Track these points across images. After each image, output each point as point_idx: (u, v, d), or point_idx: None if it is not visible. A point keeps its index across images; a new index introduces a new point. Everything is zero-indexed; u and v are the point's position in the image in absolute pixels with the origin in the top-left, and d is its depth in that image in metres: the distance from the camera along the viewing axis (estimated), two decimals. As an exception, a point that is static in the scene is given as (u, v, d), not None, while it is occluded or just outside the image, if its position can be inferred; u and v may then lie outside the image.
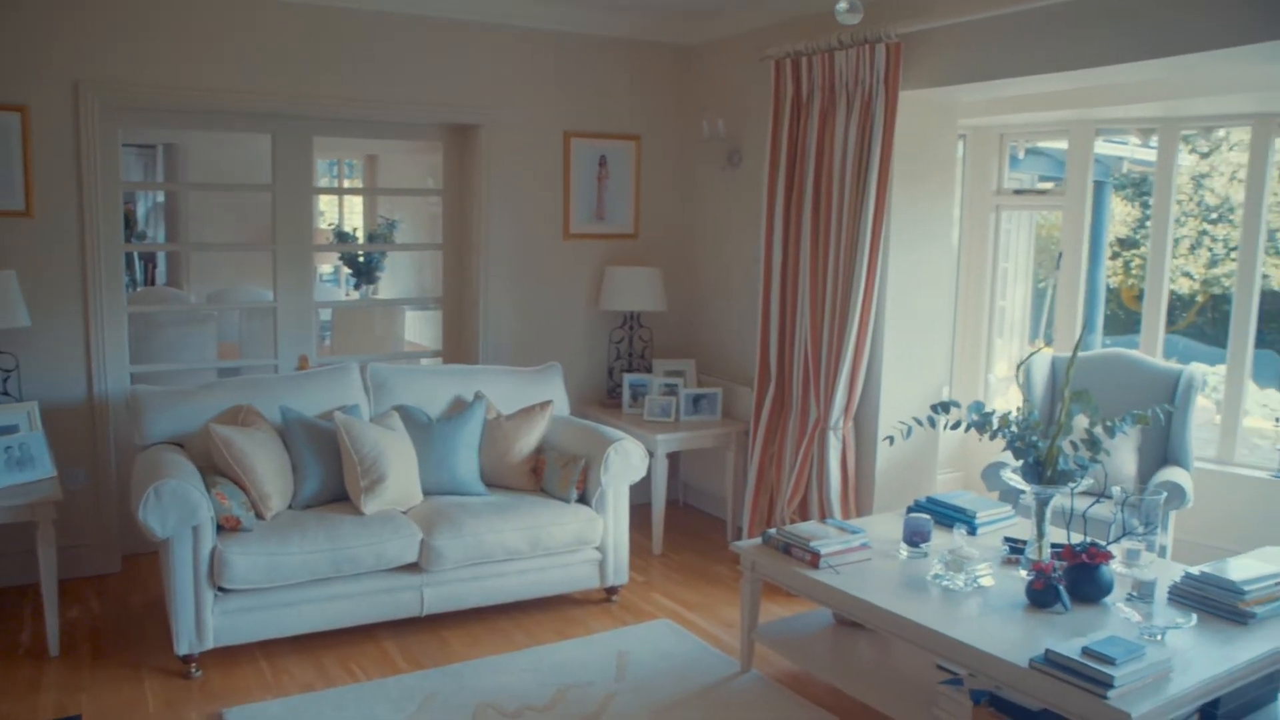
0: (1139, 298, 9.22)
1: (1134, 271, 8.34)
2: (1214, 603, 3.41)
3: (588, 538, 4.59)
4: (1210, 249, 7.92)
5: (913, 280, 5.04)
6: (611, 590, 4.81)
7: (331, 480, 4.36)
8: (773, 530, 4.03)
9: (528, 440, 4.82)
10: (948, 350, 5.31)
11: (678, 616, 4.65)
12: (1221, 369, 5.90)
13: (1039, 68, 4.24)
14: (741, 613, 4.05)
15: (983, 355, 6.47)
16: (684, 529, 5.89)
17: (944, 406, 3.92)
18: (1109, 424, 3.68)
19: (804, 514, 5.17)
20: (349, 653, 4.17)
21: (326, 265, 7.91)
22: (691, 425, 5.58)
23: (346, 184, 8.44)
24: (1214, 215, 7.74)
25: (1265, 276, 8.60)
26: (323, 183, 8.14)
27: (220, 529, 3.93)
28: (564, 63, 5.79)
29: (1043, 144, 6.94)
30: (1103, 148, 6.09)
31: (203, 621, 3.88)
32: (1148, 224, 8.94)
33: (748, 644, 4.08)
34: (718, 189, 6.05)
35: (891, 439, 4.12)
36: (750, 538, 5.30)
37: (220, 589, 3.90)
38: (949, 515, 4.26)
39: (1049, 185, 7.11)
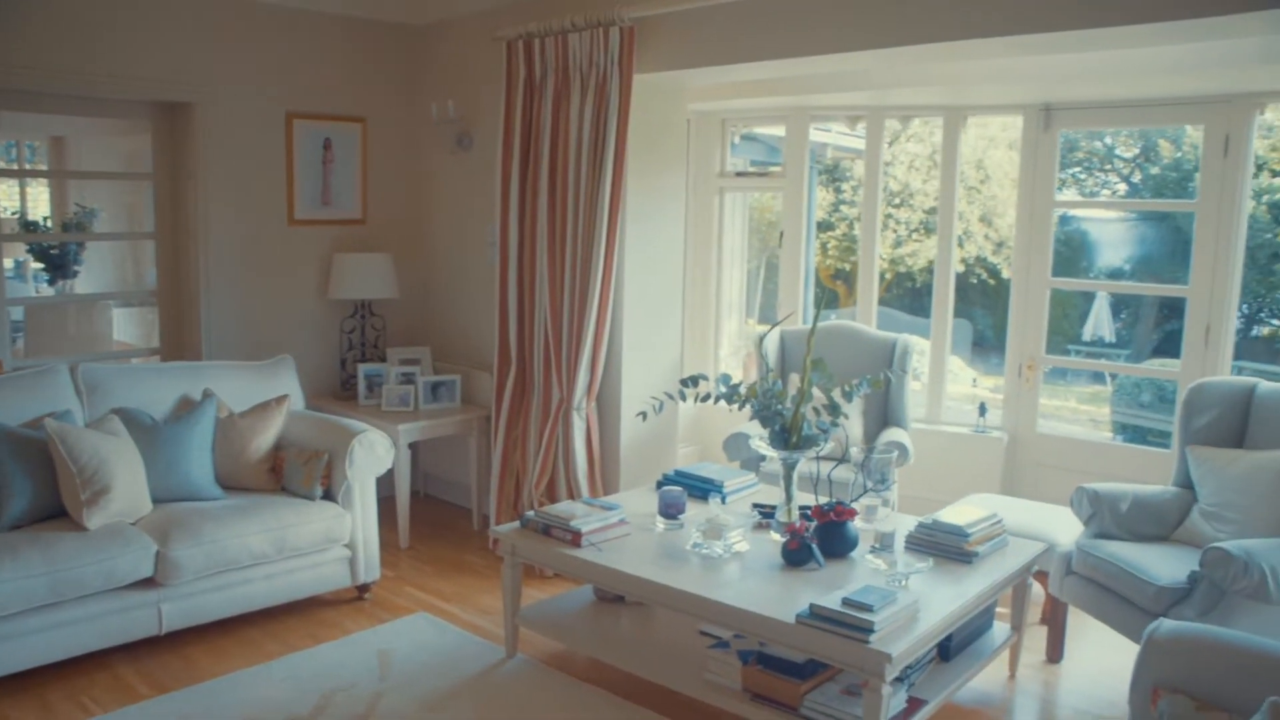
0: (835, 276, 9.99)
1: (830, 252, 8.99)
2: (944, 547, 3.74)
3: (336, 535, 4.39)
4: (895, 231, 8.64)
5: (648, 261, 5.16)
6: (364, 588, 4.63)
7: (45, 495, 3.90)
8: (531, 513, 4.02)
9: (265, 438, 4.53)
10: (680, 328, 5.48)
11: (434, 609, 4.55)
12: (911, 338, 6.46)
13: (763, 55, 4.45)
14: (504, 598, 4.01)
15: (710, 332, 6.74)
16: (428, 520, 5.76)
17: (693, 380, 4.05)
18: (847, 388, 3.93)
19: (552, 496, 5.18)
20: (79, 685, 3.76)
21: (6, 259, 7.02)
22: (431, 413, 5.46)
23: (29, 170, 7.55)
24: (896, 200, 8.45)
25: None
26: (-4, 167, 7.27)
27: (-90, 559, 3.43)
28: (285, 39, 5.47)
29: (757, 130, 7.31)
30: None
31: (-111, 672, 3.38)
32: (841, 208, 9.67)
33: (512, 629, 4.04)
34: (449, 172, 5.93)
35: (645, 414, 4.21)
36: (498, 523, 5.28)
37: (-88, 630, 3.41)
38: (698, 486, 4.41)
39: (755, 169, 7.48)
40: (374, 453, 4.48)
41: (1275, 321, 7.77)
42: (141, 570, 3.82)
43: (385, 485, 5.18)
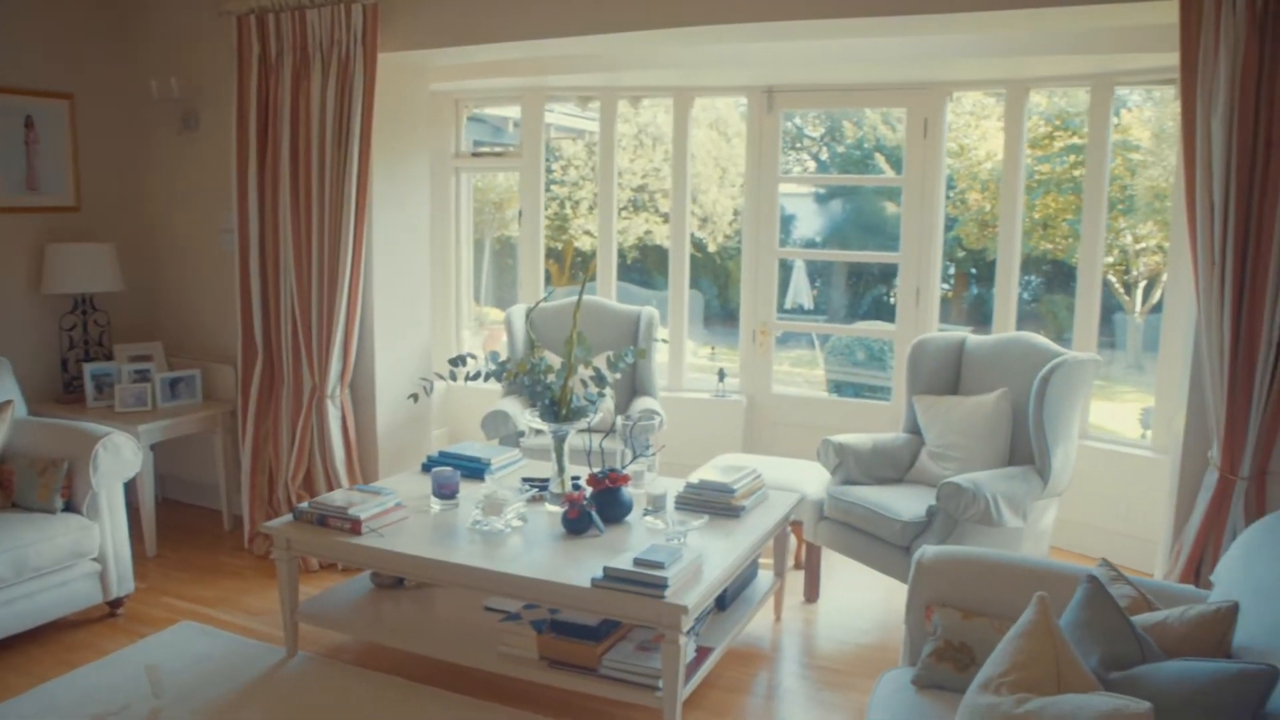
0: (546, 255, 10.19)
1: (545, 232, 9.16)
2: (713, 504, 3.99)
3: (84, 549, 4.06)
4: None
5: (396, 244, 5.11)
6: (116, 603, 4.31)
7: None
8: (305, 504, 3.91)
9: (-12, 450, 4.12)
10: (429, 311, 5.45)
11: (199, 615, 4.32)
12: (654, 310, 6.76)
13: (506, 35, 4.54)
14: (281, 595, 3.87)
15: (452, 314, 6.73)
16: (174, 525, 5.41)
17: (461, 360, 4.07)
18: (613, 359, 4.08)
19: (310, 488, 5.04)
20: None
21: None
22: (172, 412, 5.13)
23: None
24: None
25: (649, 232, 9.95)
26: None
27: None
28: (-31, 6, 4.91)
29: (483, 110, 7.33)
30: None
31: None
32: (552, 187, 9.87)
33: (292, 626, 3.92)
34: (175, 155, 5.55)
35: (416, 396, 4.21)
36: (253, 521, 5.07)
37: None
38: (467, 466, 4.44)
39: (484, 149, 7.52)
40: (120, 456, 4.18)
41: (945, 285, 8.76)
42: None
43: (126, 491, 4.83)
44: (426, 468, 4.50)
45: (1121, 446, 5.11)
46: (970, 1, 3.73)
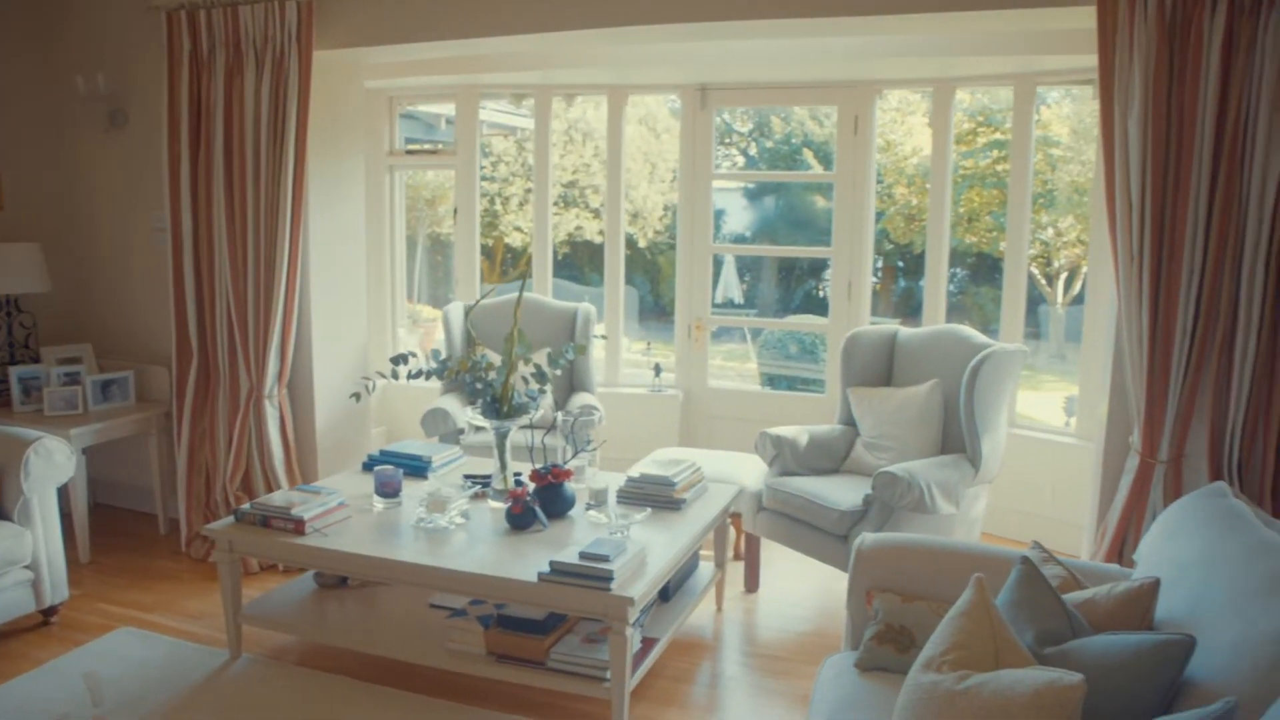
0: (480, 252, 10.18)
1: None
2: (655, 497, 4.05)
3: (16, 556, 3.98)
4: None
5: (332, 242, 5.08)
6: (50, 611, 4.22)
7: None
8: (247, 505, 3.89)
9: (-86, 457, 4.02)
10: (366, 309, 5.43)
11: (137, 621, 4.26)
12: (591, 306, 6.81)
13: (442, 33, 4.55)
14: (223, 597, 3.85)
15: (388, 312, 6.70)
16: (107, 530, 5.32)
17: (403, 358, 4.08)
18: (553, 355, 4.12)
19: (249, 489, 5.00)
20: None
21: None
22: (104, 414, 5.04)
23: None
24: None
25: (579, 228, 10.00)
26: None
27: None
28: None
29: (415, 107, 7.30)
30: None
31: None
32: (483, 184, 9.86)
33: (235, 628, 3.89)
34: (103, 152, 5.43)
35: (358, 395, 4.19)
36: (190, 524, 5.01)
37: None
38: (408, 464, 4.44)
39: (416, 147, 7.50)
40: (53, 460, 4.10)
41: (874, 278, 8.96)
42: None
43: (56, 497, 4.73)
44: (367, 466, 4.50)
45: (1047, 434, 5.29)
46: (898, 4, 3.84)
